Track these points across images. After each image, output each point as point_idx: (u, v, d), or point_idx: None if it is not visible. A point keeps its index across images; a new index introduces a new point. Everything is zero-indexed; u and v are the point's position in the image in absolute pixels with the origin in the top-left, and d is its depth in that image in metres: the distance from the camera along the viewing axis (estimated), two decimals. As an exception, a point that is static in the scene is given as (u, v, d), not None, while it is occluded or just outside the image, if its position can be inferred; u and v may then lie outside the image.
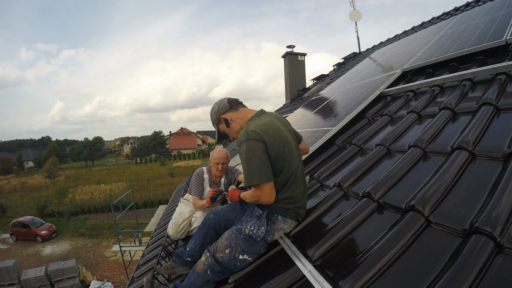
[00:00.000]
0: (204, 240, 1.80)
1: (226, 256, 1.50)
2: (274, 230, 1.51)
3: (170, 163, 46.81)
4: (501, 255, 0.85)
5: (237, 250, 1.49)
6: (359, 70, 4.92)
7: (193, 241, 1.85)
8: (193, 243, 1.84)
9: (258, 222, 1.47)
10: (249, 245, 1.48)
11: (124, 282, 11.62)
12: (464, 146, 1.38)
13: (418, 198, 1.21)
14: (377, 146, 1.96)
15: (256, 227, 1.46)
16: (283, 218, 1.51)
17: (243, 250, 1.48)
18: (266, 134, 1.36)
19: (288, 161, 1.42)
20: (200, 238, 1.82)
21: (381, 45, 7.85)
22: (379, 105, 2.88)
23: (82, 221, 20.83)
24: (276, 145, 1.37)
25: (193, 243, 1.84)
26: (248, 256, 1.50)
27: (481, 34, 2.57)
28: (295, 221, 1.56)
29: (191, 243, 1.86)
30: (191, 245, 1.85)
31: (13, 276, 11.12)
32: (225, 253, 1.50)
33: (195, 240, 1.84)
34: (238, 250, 1.49)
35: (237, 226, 1.57)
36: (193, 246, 1.83)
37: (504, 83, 1.80)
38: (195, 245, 1.82)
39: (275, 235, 1.52)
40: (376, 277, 1.00)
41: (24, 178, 41.14)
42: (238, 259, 1.49)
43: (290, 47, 9.49)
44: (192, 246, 1.84)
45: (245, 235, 1.49)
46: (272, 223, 1.51)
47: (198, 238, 1.83)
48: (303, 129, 3.39)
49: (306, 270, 1.23)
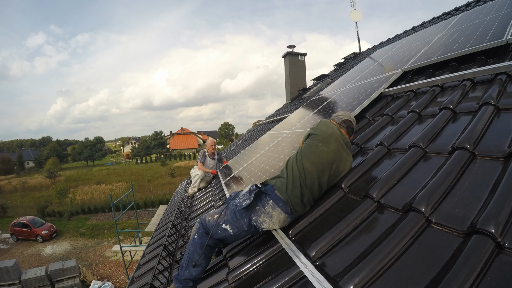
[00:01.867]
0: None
1: (212, 220, 1.61)
2: (261, 212, 1.56)
3: (170, 163, 46.81)
4: (502, 255, 0.85)
5: (223, 218, 1.59)
6: (359, 70, 4.91)
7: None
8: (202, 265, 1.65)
9: (247, 195, 1.55)
10: (234, 217, 1.57)
11: (124, 282, 11.62)
12: (464, 146, 1.38)
13: (419, 198, 1.21)
14: (377, 146, 1.96)
15: (243, 198, 1.55)
16: (274, 204, 1.55)
17: (227, 220, 1.58)
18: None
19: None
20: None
21: (382, 45, 7.84)
22: (379, 105, 2.88)
23: (82, 221, 20.83)
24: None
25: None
26: (229, 228, 1.56)
27: (482, 34, 2.57)
28: (286, 214, 1.57)
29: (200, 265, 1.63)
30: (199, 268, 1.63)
31: (14, 276, 11.12)
32: (213, 218, 1.63)
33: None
34: (223, 219, 1.59)
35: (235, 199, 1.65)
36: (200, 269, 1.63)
37: (505, 83, 1.80)
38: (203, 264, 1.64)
39: (260, 218, 1.56)
40: (376, 277, 1.00)
41: (24, 178, 41.17)
42: (221, 227, 1.58)
43: (290, 47, 9.48)
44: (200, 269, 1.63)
45: (235, 207, 1.58)
46: (262, 205, 1.57)
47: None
48: (304, 129, 3.39)
49: (306, 269, 1.23)
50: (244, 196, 1.56)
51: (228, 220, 1.57)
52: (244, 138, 9.20)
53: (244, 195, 1.57)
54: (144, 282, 2.49)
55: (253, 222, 1.56)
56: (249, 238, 1.87)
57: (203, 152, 4.88)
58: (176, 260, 2.46)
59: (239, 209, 1.55)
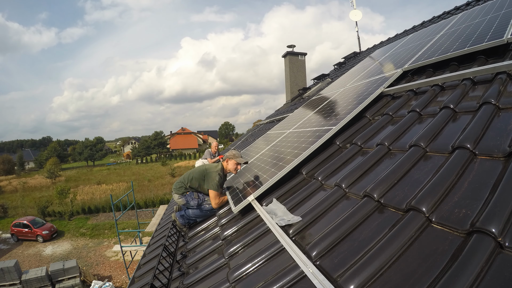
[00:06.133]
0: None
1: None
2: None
3: (171, 163, 46.81)
4: (502, 254, 0.85)
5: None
6: (359, 70, 4.91)
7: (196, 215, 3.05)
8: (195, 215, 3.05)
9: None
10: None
11: (125, 282, 11.63)
12: (465, 145, 1.38)
13: (419, 197, 1.21)
14: (377, 145, 1.96)
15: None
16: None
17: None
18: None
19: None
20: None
21: (382, 44, 7.84)
22: (379, 104, 2.88)
23: (83, 221, 20.84)
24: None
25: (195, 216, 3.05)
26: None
27: (482, 34, 2.57)
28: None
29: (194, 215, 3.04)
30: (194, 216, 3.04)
31: (14, 276, 11.13)
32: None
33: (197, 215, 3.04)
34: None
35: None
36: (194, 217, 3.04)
37: (505, 82, 1.80)
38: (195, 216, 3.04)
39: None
40: (377, 277, 1.00)
41: (25, 178, 41.16)
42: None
43: (290, 46, 9.49)
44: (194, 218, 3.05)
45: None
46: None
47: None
48: (304, 128, 3.39)
49: (307, 269, 1.23)
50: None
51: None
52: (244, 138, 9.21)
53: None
54: (145, 282, 2.49)
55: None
56: (249, 238, 1.88)
57: (209, 151, 6.69)
58: (176, 260, 2.46)
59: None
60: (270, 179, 2.41)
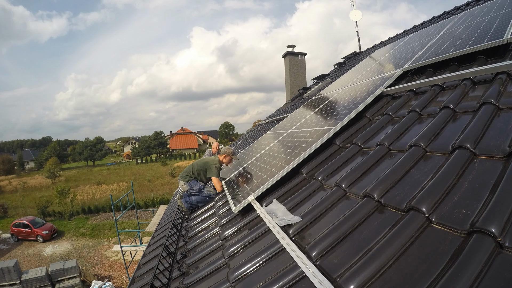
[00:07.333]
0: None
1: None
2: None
3: (171, 163, 46.81)
4: (502, 254, 0.85)
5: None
6: (359, 70, 4.91)
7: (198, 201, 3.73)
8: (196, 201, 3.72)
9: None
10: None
11: (125, 282, 11.63)
12: (465, 145, 1.38)
13: (419, 197, 1.21)
14: (377, 145, 1.96)
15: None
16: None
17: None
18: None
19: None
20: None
21: (382, 44, 7.84)
22: (379, 104, 2.88)
23: (83, 221, 20.83)
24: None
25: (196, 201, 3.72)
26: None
27: (482, 34, 2.57)
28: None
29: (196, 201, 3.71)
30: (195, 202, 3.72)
31: (14, 276, 11.13)
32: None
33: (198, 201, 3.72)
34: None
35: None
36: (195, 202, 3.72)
37: (505, 82, 1.80)
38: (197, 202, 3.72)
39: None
40: (377, 277, 1.00)
41: (25, 178, 41.16)
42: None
43: (290, 46, 9.49)
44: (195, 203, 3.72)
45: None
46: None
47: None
48: (304, 128, 3.39)
49: (307, 269, 1.23)
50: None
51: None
52: (244, 138, 9.21)
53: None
54: (145, 282, 2.49)
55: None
56: (249, 238, 1.88)
57: (209, 151, 6.90)
58: (176, 260, 2.46)
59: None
60: (270, 179, 2.41)
